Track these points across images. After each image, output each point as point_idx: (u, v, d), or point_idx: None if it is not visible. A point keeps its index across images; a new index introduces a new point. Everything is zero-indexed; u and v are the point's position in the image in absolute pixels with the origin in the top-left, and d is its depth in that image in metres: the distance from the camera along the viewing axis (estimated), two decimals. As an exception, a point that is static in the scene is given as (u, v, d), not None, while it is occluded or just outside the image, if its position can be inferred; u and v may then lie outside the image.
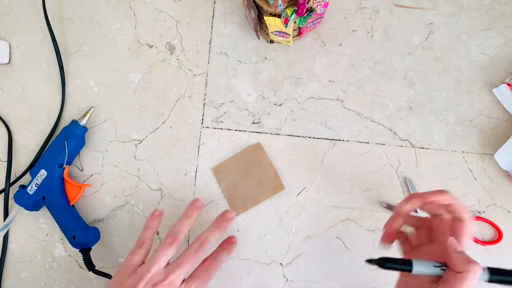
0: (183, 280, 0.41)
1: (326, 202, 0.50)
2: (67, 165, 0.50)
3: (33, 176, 0.49)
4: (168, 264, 0.42)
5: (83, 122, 0.50)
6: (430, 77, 0.50)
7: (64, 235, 0.50)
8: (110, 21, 0.54)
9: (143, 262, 0.42)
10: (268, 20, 0.43)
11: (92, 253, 0.50)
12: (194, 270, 0.43)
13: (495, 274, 0.34)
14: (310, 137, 0.51)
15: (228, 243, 0.47)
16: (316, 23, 0.47)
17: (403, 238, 0.42)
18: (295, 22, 0.43)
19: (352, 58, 0.51)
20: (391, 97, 0.50)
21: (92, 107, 0.51)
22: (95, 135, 0.53)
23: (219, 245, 0.47)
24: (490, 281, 0.34)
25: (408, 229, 0.42)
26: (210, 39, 0.52)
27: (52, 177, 0.49)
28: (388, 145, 0.50)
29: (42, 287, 0.52)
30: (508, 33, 0.50)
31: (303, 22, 0.43)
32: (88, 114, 0.51)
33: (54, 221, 0.50)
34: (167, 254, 0.41)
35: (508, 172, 0.47)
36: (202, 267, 0.44)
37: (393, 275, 0.49)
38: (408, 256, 0.39)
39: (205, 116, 0.52)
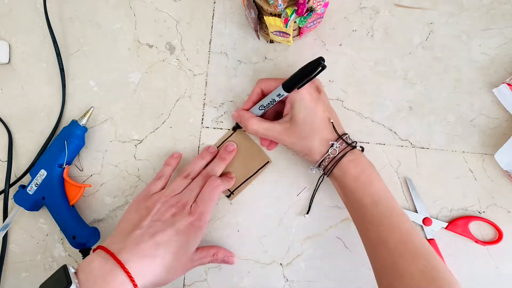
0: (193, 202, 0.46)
1: (326, 202, 0.50)
2: (67, 165, 0.50)
3: (33, 176, 0.49)
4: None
5: (83, 122, 0.50)
6: (430, 77, 0.50)
7: (64, 235, 0.51)
8: (110, 21, 0.54)
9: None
10: (268, 20, 0.43)
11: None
12: (200, 193, 0.47)
13: (287, 87, 0.42)
14: (310, 137, 0.51)
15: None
16: (316, 23, 0.47)
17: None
18: (295, 22, 0.43)
19: (352, 58, 0.51)
20: (391, 97, 0.50)
21: (92, 107, 0.51)
22: (95, 135, 0.53)
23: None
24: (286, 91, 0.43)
25: None
26: (210, 39, 0.52)
27: (52, 177, 0.49)
28: (388, 145, 0.50)
29: (42, 287, 0.52)
30: (508, 33, 0.49)
31: (303, 22, 0.43)
32: (88, 114, 0.51)
33: (54, 221, 0.50)
34: (182, 184, 0.47)
35: (508, 172, 0.47)
36: (206, 189, 0.47)
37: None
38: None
39: (205, 116, 0.52)
